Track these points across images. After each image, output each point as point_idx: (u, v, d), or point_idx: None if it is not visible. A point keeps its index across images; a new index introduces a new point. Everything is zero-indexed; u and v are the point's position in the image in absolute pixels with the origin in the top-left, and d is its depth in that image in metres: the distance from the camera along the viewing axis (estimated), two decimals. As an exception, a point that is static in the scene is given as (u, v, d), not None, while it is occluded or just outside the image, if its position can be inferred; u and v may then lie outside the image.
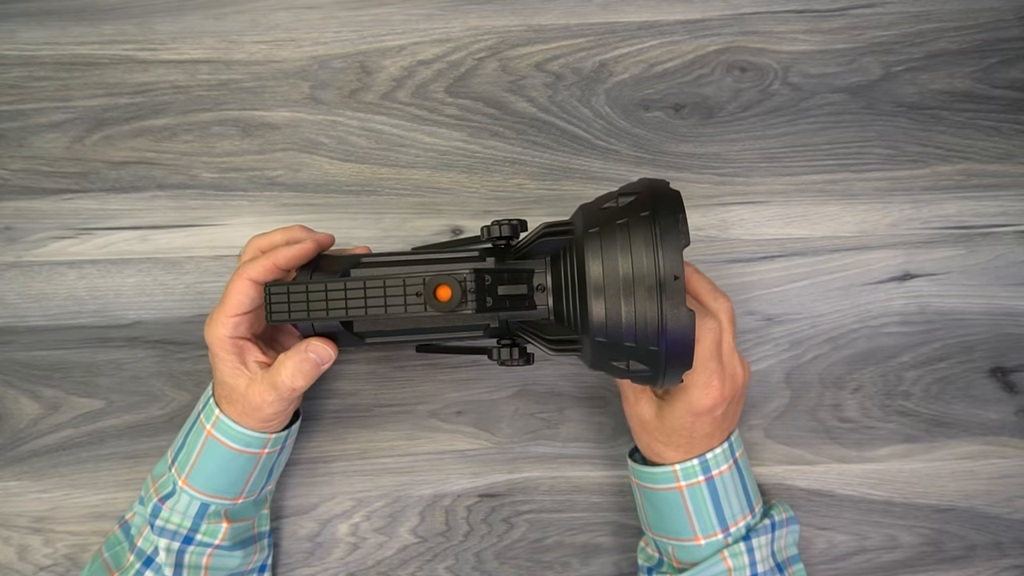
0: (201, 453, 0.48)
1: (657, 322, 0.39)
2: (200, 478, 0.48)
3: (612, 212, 0.42)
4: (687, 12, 0.59)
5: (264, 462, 0.50)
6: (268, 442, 0.49)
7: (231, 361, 0.47)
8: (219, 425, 0.48)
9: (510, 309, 0.44)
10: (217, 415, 0.48)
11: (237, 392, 0.47)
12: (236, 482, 0.49)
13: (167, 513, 0.49)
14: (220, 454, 0.48)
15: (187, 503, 0.49)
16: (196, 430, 0.49)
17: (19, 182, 0.58)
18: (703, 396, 0.46)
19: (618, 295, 0.40)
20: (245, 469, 0.49)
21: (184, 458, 0.49)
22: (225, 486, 0.49)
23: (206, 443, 0.48)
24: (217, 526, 0.50)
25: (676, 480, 0.48)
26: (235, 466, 0.49)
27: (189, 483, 0.48)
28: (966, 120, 0.59)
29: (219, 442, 0.48)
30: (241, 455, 0.48)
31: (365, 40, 0.59)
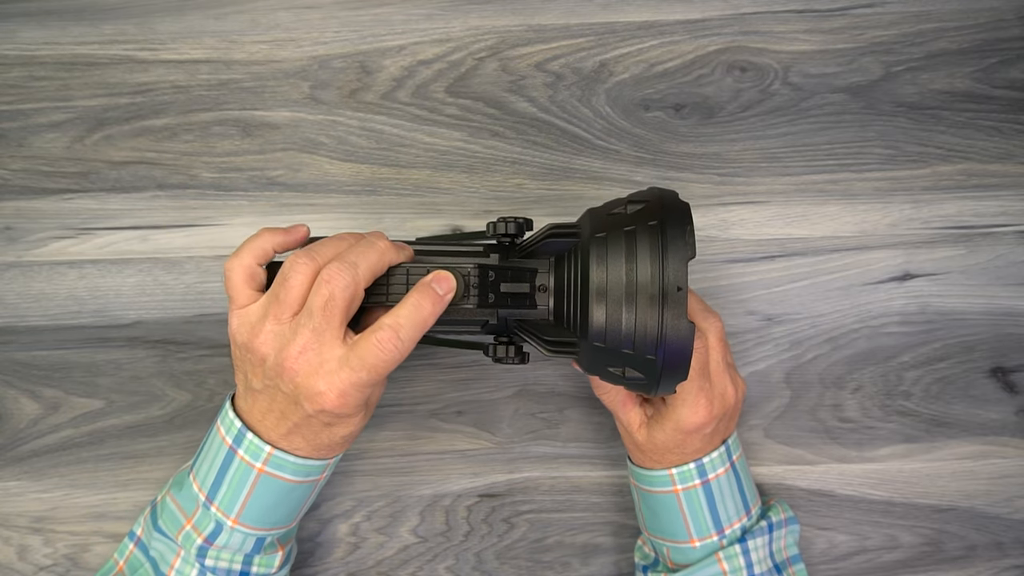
0: (253, 491, 0.44)
1: (657, 332, 0.39)
2: (254, 515, 0.44)
3: (620, 219, 0.42)
4: (687, 12, 0.59)
5: (322, 485, 0.48)
6: (328, 466, 0.46)
7: (366, 413, 0.44)
8: (275, 462, 0.43)
9: (511, 307, 0.44)
10: (269, 452, 0.43)
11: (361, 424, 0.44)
12: (293, 511, 0.47)
13: (216, 552, 0.45)
14: (278, 489, 0.44)
15: (241, 540, 0.45)
16: (239, 469, 0.44)
17: (19, 182, 0.58)
18: (691, 415, 0.46)
19: (620, 302, 0.40)
20: (303, 497, 0.46)
21: (228, 497, 0.44)
22: (282, 517, 0.46)
23: (258, 481, 0.43)
24: (272, 556, 0.47)
25: (672, 484, 0.48)
26: (294, 497, 0.45)
27: (241, 521, 0.44)
28: (966, 120, 0.59)
29: (275, 477, 0.44)
30: (300, 486, 0.45)
31: (365, 40, 0.59)
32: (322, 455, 0.44)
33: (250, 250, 0.43)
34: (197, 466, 0.46)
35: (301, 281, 0.40)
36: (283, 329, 0.41)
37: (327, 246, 0.42)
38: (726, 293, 0.58)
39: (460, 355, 0.58)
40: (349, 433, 0.43)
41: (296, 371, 0.40)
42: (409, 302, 0.41)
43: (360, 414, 0.42)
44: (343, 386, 0.39)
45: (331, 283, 0.39)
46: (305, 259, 0.41)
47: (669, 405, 0.46)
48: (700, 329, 0.47)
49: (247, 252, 0.43)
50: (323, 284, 0.40)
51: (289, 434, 0.42)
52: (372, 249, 0.42)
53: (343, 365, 0.39)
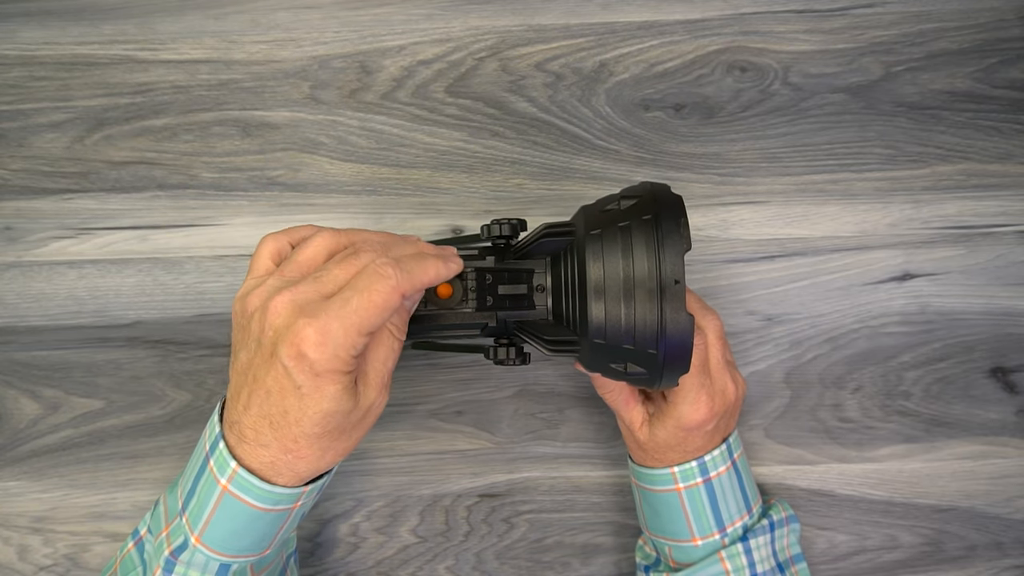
0: (216, 510, 0.39)
1: (656, 325, 0.39)
2: (216, 537, 0.40)
3: (614, 215, 0.42)
4: (687, 12, 0.59)
5: (297, 513, 0.41)
6: (303, 495, 0.40)
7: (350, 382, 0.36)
8: (238, 482, 0.38)
9: (509, 308, 0.44)
10: (234, 469, 0.38)
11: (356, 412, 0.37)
12: (262, 539, 0.41)
13: (183, 569, 0.40)
14: (241, 514, 0.39)
15: (204, 563, 0.40)
16: (207, 480, 0.39)
17: (19, 182, 0.58)
18: (692, 412, 0.46)
19: (618, 298, 0.40)
20: (273, 526, 0.40)
21: (196, 510, 0.40)
22: (248, 545, 0.41)
23: (221, 499, 0.39)
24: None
25: (675, 482, 0.48)
26: (260, 525, 0.40)
27: (203, 542, 0.40)
28: (966, 120, 0.59)
29: (239, 500, 0.38)
30: (267, 514, 0.39)
31: (365, 40, 0.59)
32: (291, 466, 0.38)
33: (289, 233, 0.41)
34: (185, 466, 0.43)
35: (319, 243, 0.38)
36: (281, 281, 0.37)
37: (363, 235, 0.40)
38: (726, 293, 0.58)
39: (460, 355, 0.58)
40: (322, 417, 0.36)
41: (278, 312, 0.35)
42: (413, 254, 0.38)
43: (340, 384, 0.35)
44: (326, 319, 0.34)
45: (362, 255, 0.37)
46: (329, 231, 0.39)
47: (670, 403, 0.46)
48: (699, 326, 0.47)
49: (285, 234, 0.41)
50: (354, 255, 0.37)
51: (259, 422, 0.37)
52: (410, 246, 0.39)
53: (331, 302, 0.35)
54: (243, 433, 0.38)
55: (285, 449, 0.37)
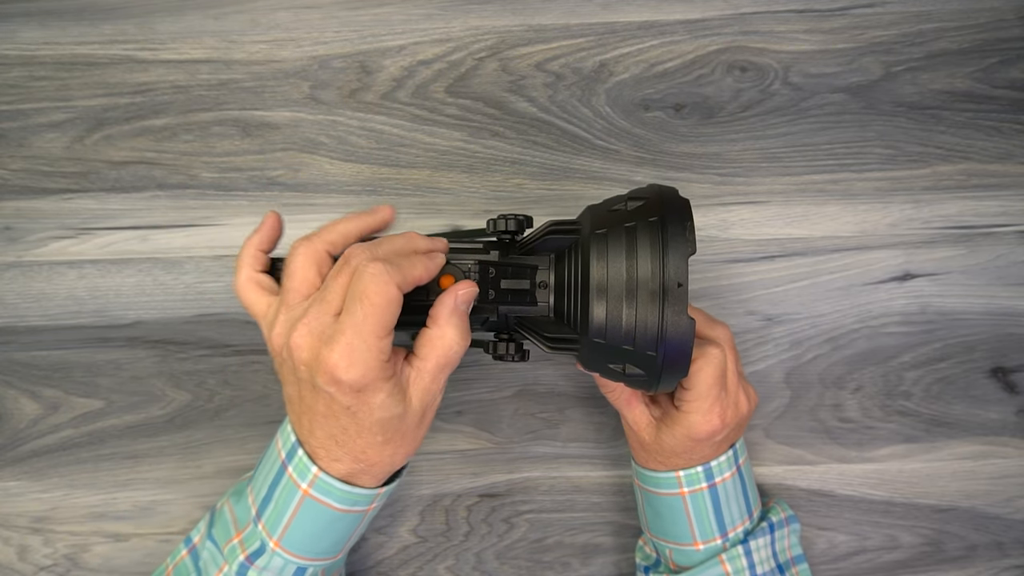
0: (297, 514, 0.41)
1: (657, 328, 0.39)
2: (296, 541, 0.42)
3: (620, 215, 0.42)
4: (687, 12, 0.59)
5: (370, 516, 0.44)
6: (377, 497, 0.42)
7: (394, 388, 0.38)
8: (320, 486, 0.40)
9: (511, 303, 0.44)
10: (316, 474, 0.40)
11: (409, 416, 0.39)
12: (339, 542, 0.43)
13: (256, 573, 0.42)
14: (323, 517, 0.41)
15: (281, 566, 0.42)
16: (286, 486, 0.41)
17: (19, 182, 0.58)
18: (704, 423, 0.45)
19: (620, 298, 0.40)
20: (349, 528, 0.43)
21: (274, 516, 0.41)
22: (327, 548, 0.43)
23: (303, 503, 0.41)
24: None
25: (679, 486, 0.48)
26: (339, 527, 0.42)
27: (283, 546, 0.42)
28: (966, 120, 0.59)
29: (319, 503, 0.41)
30: (346, 516, 0.42)
31: (365, 40, 0.59)
32: (365, 472, 0.40)
33: (244, 262, 0.43)
34: (255, 476, 0.44)
35: (301, 263, 0.39)
36: (292, 314, 0.38)
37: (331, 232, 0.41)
38: (726, 293, 0.58)
39: (460, 355, 0.58)
40: (379, 424, 0.38)
41: (301, 347, 0.37)
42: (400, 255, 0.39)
43: (380, 391, 0.37)
44: (346, 340, 0.35)
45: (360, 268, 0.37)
46: (302, 242, 0.40)
47: (682, 411, 0.46)
48: (714, 338, 0.47)
49: (242, 266, 0.43)
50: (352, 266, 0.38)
51: (327, 441, 0.39)
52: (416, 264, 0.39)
53: (342, 320, 0.36)
54: (315, 452, 0.40)
55: (356, 460, 0.40)
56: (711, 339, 0.47)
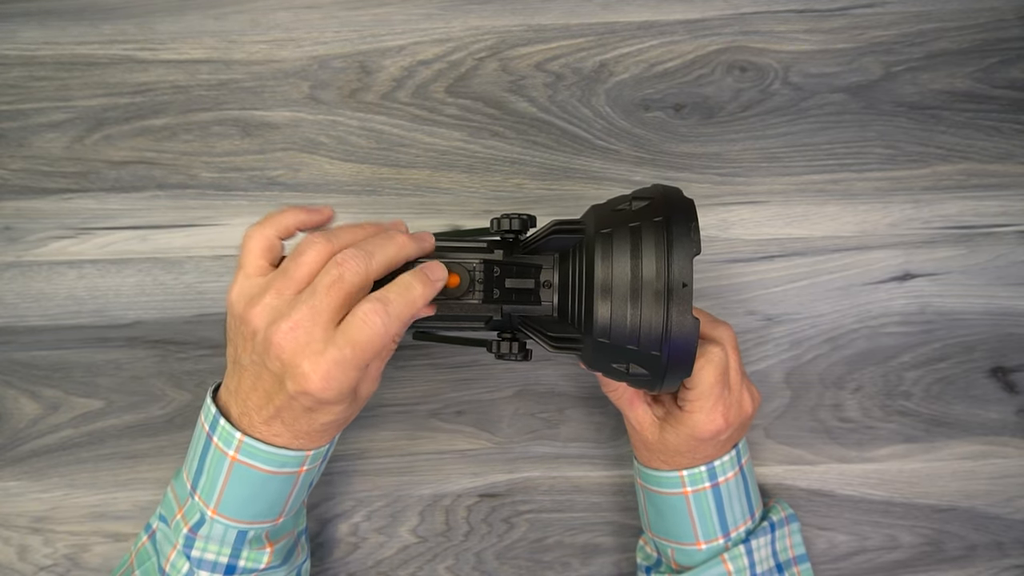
0: (228, 481, 0.42)
1: (661, 328, 0.39)
2: (231, 506, 0.43)
3: (625, 215, 0.42)
4: (687, 12, 0.59)
5: (304, 478, 0.44)
6: (307, 459, 0.43)
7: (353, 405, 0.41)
8: (246, 449, 0.41)
9: (515, 303, 0.44)
10: (241, 439, 0.41)
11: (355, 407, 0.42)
12: (274, 504, 0.44)
13: (202, 543, 0.44)
14: (252, 479, 0.42)
15: (222, 533, 0.43)
16: (214, 456, 0.42)
17: (19, 182, 0.58)
18: (707, 423, 0.45)
19: (625, 298, 0.40)
20: (283, 491, 0.43)
21: (208, 486, 0.43)
22: (263, 510, 0.44)
23: (232, 470, 0.42)
24: (261, 552, 0.45)
25: (683, 486, 0.48)
26: (271, 489, 0.43)
27: (220, 512, 0.43)
28: (966, 120, 0.59)
29: (249, 467, 0.42)
30: (276, 477, 0.42)
31: (365, 40, 0.59)
32: (300, 444, 0.42)
33: (273, 223, 0.42)
34: (187, 455, 0.46)
35: (314, 259, 0.39)
36: (280, 303, 0.39)
37: (346, 232, 0.41)
38: (726, 293, 0.58)
39: (460, 355, 0.58)
40: (330, 422, 0.40)
41: (283, 347, 0.37)
42: (399, 281, 0.39)
43: (344, 403, 0.40)
44: (327, 366, 0.37)
45: (343, 266, 0.38)
46: (322, 240, 0.40)
47: (685, 411, 0.46)
48: (716, 338, 0.47)
49: (270, 224, 0.42)
50: (334, 266, 0.38)
51: (271, 419, 0.40)
52: (391, 242, 0.40)
53: (329, 344, 0.37)
54: (253, 425, 0.41)
55: (296, 437, 0.41)
56: (713, 339, 0.47)
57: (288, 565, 0.48)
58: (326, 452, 0.45)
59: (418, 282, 0.39)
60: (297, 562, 0.50)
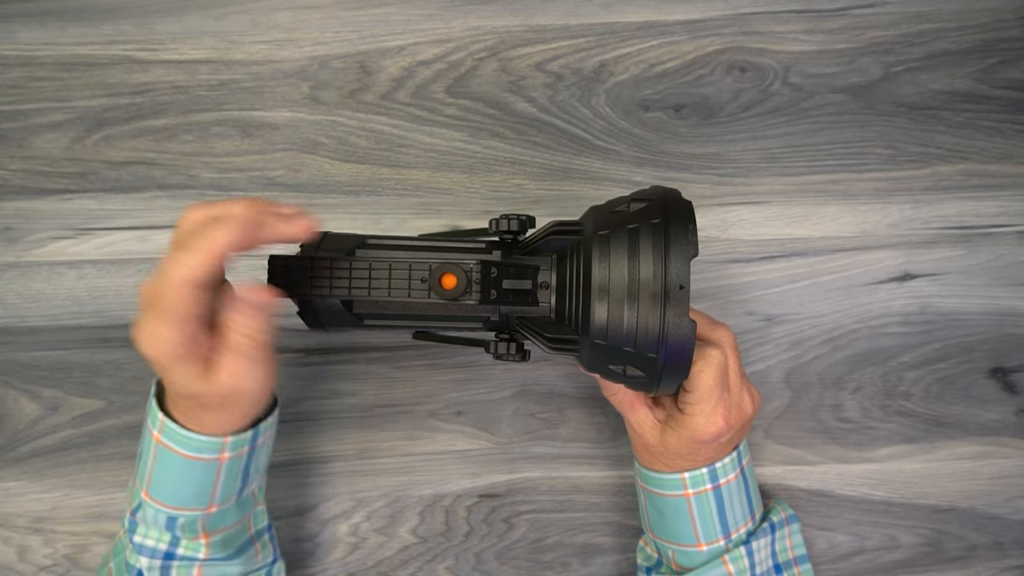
0: (155, 463, 0.43)
1: (658, 330, 0.39)
2: (159, 489, 0.43)
3: (623, 216, 0.42)
4: (687, 12, 0.59)
5: (229, 467, 0.43)
6: (225, 446, 0.42)
7: (193, 367, 0.38)
8: (166, 431, 0.42)
9: (512, 304, 0.44)
10: (161, 421, 0.42)
11: (208, 394, 0.40)
12: (200, 492, 0.43)
13: (143, 529, 0.45)
14: (173, 463, 0.42)
15: (154, 516, 0.44)
16: (146, 437, 0.43)
17: (19, 182, 0.58)
18: (708, 425, 0.45)
19: (622, 299, 0.40)
20: (206, 477, 0.43)
21: (143, 469, 0.44)
22: (189, 497, 0.43)
23: (157, 451, 0.42)
24: (196, 542, 0.45)
25: (684, 488, 0.48)
26: (194, 475, 0.42)
27: (151, 495, 0.43)
28: (966, 120, 0.59)
29: (169, 449, 0.42)
30: (197, 463, 0.42)
31: (365, 40, 0.59)
32: (210, 428, 0.41)
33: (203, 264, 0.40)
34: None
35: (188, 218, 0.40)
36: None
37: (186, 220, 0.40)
38: (726, 293, 0.58)
39: (460, 355, 0.58)
40: (184, 387, 0.39)
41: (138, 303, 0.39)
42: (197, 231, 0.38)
43: (179, 370, 0.38)
44: (146, 322, 0.37)
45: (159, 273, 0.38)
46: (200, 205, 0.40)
47: (686, 414, 0.46)
48: (715, 340, 0.47)
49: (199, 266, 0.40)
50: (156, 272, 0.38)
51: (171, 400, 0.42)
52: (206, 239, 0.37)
53: (152, 300, 0.37)
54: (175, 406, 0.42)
55: (180, 412, 0.42)
56: (712, 341, 0.47)
57: (244, 559, 0.48)
58: (250, 440, 0.44)
59: (218, 228, 0.37)
60: (262, 562, 0.50)
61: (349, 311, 0.45)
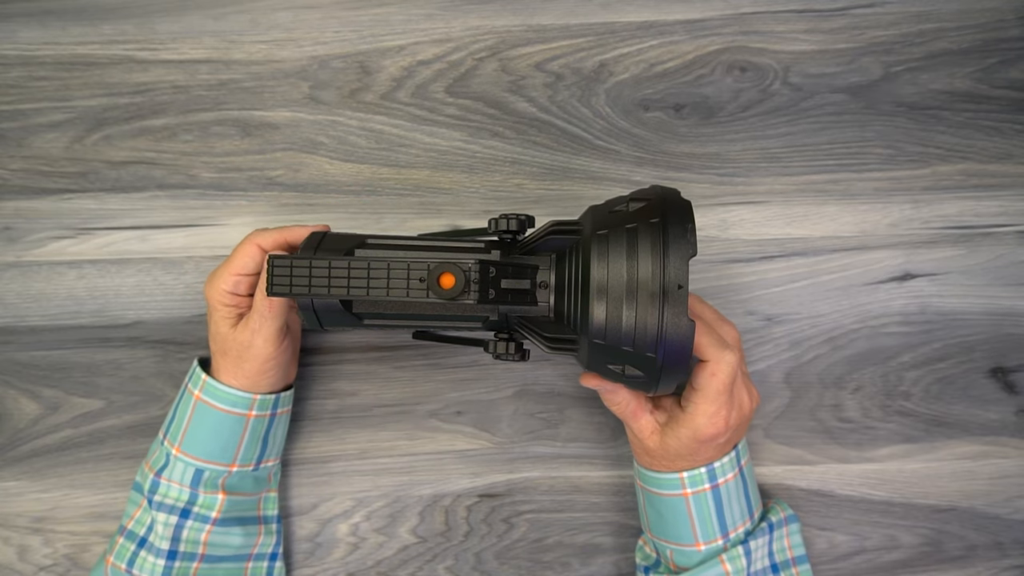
0: (192, 419, 0.50)
1: (656, 329, 0.39)
2: (192, 443, 0.50)
3: (622, 216, 0.42)
4: (687, 12, 0.59)
5: (253, 426, 0.51)
6: (254, 403, 0.50)
7: (228, 313, 0.49)
8: (207, 388, 0.50)
9: (511, 303, 0.44)
10: (204, 379, 0.50)
11: (230, 339, 0.49)
12: (227, 447, 0.50)
13: (164, 487, 0.50)
14: (209, 417, 0.50)
15: (182, 471, 0.50)
16: (185, 399, 0.51)
17: (19, 182, 0.58)
18: (709, 426, 0.45)
19: (620, 299, 0.40)
20: (235, 432, 0.50)
21: (175, 428, 0.51)
22: (217, 450, 0.50)
23: (195, 408, 0.50)
24: (213, 497, 0.51)
25: (683, 487, 0.48)
26: (225, 428, 0.50)
27: (183, 450, 0.50)
28: (966, 120, 0.59)
29: (208, 405, 0.50)
30: (229, 416, 0.50)
31: (365, 40, 0.59)
32: (245, 385, 0.50)
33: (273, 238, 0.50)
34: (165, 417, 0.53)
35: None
36: None
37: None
38: (726, 293, 0.58)
39: (460, 355, 0.58)
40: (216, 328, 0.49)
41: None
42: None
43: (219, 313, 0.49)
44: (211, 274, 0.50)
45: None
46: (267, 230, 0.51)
47: (688, 413, 0.46)
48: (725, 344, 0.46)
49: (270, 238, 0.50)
50: None
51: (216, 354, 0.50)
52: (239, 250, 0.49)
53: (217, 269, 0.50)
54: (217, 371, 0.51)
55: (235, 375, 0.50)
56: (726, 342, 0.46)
57: (244, 531, 0.53)
58: (273, 405, 0.51)
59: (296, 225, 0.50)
60: (261, 546, 0.54)
61: (348, 310, 0.45)
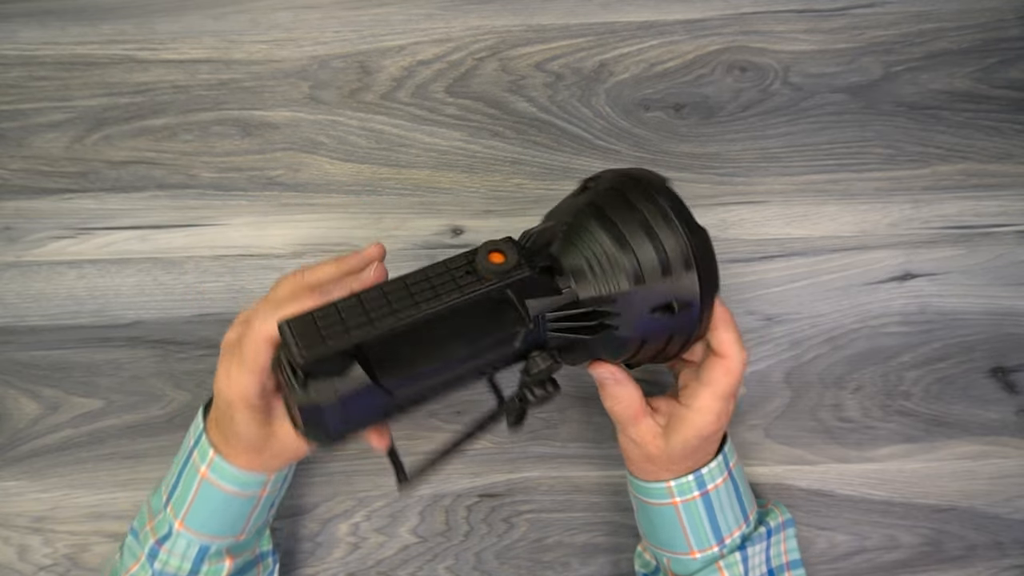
0: (196, 496, 0.45)
1: (686, 244, 0.40)
2: (197, 520, 0.46)
3: (592, 190, 0.43)
4: (687, 12, 0.59)
5: (265, 501, 0.47)
6: (268, 482, 0.46)
7: (257, 419, 0.42)
8: (214, 467, 0.45)
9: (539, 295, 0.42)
10: (212, 457, 0.44)
11: (258, 438, 0.43)
12: (236, 522, 0.47)
13: (165, 556, 0.46)
14: (216, 497, 0.45)
15: (185, 546, 0.46)
16: (190, 470, 0.46)
17: (19, 182, 0.58)
18: (715, 422, 0.45)
19: (641, 236, 0.40)
20: (244, 510, 0.46)
21: (179, 499, 0.46)
22: (225, 527, 0.46)
23: (200, 486, 0.45)
24: (219, 565, 0.47)
25: (671, 496, 0.47)
26: (234, 508, 0.46)
27: (186, 525, 0.46)
28: (966, 120, 0.59)
29: (214, 485, 0.45)
30: (239, 498, 0.45)
31: (365, 40, 0.59)
32: (258, 467, 0.45)
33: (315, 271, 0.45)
34: (171, 467, 0.48)
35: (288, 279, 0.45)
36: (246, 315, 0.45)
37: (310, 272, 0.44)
38: (726, 293, 0.58)
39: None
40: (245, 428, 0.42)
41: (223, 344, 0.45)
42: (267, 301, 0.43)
43: (243, 413, 0.42)
44: (228, 365, 0.42)
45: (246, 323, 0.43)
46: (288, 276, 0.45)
47: (694, 410, 0.45)
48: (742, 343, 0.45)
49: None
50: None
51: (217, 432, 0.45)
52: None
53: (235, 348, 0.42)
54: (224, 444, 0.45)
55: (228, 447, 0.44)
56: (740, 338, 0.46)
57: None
58: (285, 475, 0.49)
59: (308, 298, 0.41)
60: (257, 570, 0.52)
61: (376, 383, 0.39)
